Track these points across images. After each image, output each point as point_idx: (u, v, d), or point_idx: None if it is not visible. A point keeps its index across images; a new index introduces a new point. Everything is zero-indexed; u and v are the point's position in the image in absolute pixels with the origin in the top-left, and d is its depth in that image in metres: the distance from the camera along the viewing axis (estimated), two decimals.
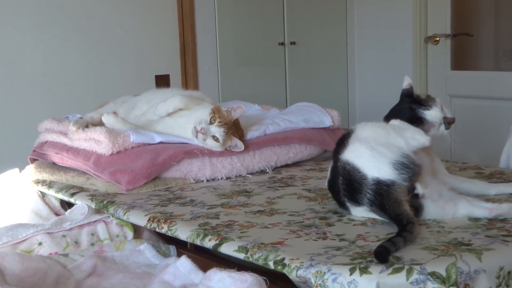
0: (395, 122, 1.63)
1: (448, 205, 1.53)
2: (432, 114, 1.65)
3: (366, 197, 1.50)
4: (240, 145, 2.12)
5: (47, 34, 3.32)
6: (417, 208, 1.49)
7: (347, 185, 1.55)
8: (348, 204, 1.58)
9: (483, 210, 1.52)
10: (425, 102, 1.67)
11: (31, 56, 3.29)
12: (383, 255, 1.25)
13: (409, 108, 1.66)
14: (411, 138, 1.56)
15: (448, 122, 1.66)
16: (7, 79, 3.21)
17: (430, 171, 1.61)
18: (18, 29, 3.23)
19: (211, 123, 2.08)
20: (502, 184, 1.79)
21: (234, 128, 2.13)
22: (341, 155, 1.56)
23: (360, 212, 1.56)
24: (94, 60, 3.49)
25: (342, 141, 1.60)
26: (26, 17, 3.25)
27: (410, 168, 1.49)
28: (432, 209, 1.52)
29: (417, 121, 1.65)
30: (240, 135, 2.17)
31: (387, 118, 1.68)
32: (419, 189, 1.49)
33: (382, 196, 1.47)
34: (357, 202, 1.54)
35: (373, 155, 1.50)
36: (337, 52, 4.54)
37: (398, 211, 1.45)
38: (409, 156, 1.51)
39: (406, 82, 1.70)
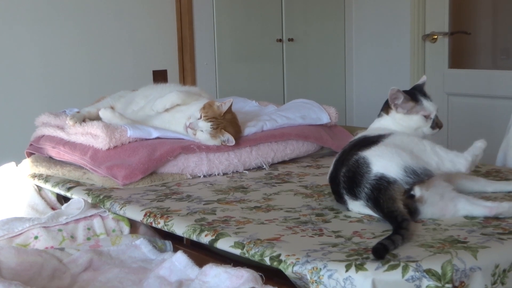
0: (478, 143, 1.61)
1: (448, 206, 1.53)
2: (427, 104, 1.68)
3: (364, 191, 1.51)
4: (232, 140, 2.10)
5: (44, 29, 3.32)
6: (412, 211, 1.48)
7: (349, 177, 1.55)
8: (346, 197, 1.58)
9: (483, 209, 1.52)
10: (428, 96, 1.70)
11: (28, 50, 3.28)
12: (380, 252, 1.25)
13: (411, 91, 1.69)
14: (448, 159, 1.55)
15: (436, 123, 1.68)
16: (4, 73, 3.21)
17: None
18: (15, 24, 3.22)
19: (200, 117, 2.08)
20: (500, 182, 1.79)
21: (227, 123, 2.12)
22: (362, 152, 1.56)
23: (357, 207, 1.57)
24: (91, 55, 3.48)
25: (368, 141, 1.60)
26: (23, 12, 3.24)
27: (420, 177, 1.49)
28: (430, 212, 1.52)
29: (413, 99, 1.67)
30: (237, 131, 2.17)
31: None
32: (417, 191, 1.49)
33: (379, 191, 1.47)
34: (355, 195, 1.54)
35: (392, 156, 1.50)
36: (335, 49, 4.54)
37: (392, 207, 1.45)
38: (430, 171, 1.51)
39: (422, 80, 1.73)
